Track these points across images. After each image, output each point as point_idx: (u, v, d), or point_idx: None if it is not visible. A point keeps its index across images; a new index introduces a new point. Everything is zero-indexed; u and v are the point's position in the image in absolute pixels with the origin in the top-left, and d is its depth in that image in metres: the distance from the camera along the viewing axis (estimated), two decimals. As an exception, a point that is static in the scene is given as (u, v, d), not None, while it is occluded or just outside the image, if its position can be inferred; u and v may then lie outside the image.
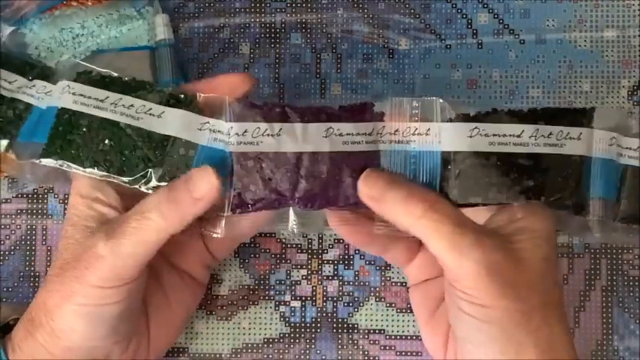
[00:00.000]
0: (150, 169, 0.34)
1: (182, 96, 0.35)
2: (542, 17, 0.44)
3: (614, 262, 0.42)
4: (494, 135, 0.34)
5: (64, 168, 0.35)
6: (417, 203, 0.32)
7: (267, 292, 0.43)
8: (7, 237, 0.43)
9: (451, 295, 0.33)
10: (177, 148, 0.34)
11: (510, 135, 0.34)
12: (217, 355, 0.42)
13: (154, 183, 0.34)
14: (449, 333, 0.37)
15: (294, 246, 0.43)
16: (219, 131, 0.34)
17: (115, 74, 0.36)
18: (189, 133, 0.35)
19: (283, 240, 0.43)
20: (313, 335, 0.42)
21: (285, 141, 0.34)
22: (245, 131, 0.34)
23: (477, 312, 0.32)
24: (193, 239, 0.39)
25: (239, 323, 0.43)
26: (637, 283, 0.42)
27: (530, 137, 0.34)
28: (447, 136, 0.34)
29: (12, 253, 0.43)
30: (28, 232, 0.43)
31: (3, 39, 0.42)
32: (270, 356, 0.42)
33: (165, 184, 0.34)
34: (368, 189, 0.34)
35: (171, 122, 0.35)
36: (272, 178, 0.34)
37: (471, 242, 0.31)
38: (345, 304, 0.43)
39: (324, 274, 0.43)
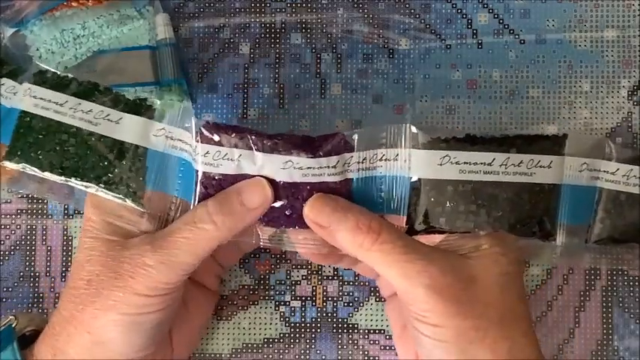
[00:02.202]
0: (105, 174, 0.35)
1: (139, 102, 0.36)
2: (542, 17, 0.44)
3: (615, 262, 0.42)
4: (465, 163, 0.34)
5: (26, 171, 0.35)
6: (365, 236, 0.33)
7: (267, 292, 0.43)
8: (7, 237, 0.43)
9: (407, 316, 0.34)
10: (133, 155, 0.35)
11: (481, 163, 0.34)
12: (217, 355, 0.42)
13: (105, 189, 0.35)
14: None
15: (294, 246, 0.43)
16: (178, 139, 0.35)
17: (71, 75, 0.36)
18: (145, 139, 0.35)
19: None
20: (313, 335, 0.42)
21: (244, 167, 0.34)
22: (207, 152, 0.34)
23: (432, 332, 0.33)
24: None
25: (239, 323, 0.43)
26: (637, 283, 0.42)
27: (500, 166, 0.34)
28: (416, 163, 0.34)
29: (12, 253, 0.43)
30: (28, 232, 0.43)
31: (4, 40, 0.42)
32: (270, 356, 0.42)
33: (112, 193, 0.35)
34: (314, 216, 0.34)
35: (128, 128, 0.35)
36: None
37: (420, 269, 0.32)
38: (345, 304, 0.43)
39: (324, 274, 0.43)
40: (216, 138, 0.34)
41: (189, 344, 0.41)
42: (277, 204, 0.35)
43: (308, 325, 0.42)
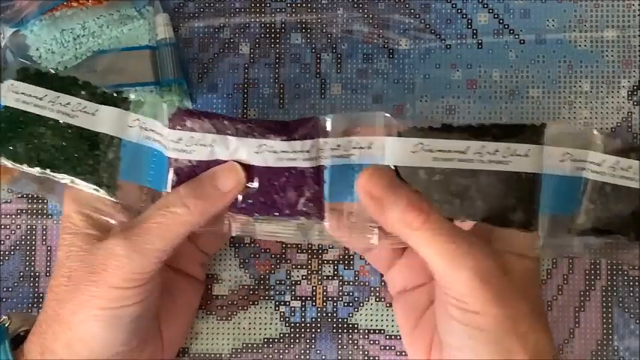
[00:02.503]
0: (79, 165, 0.35)
1: (115, 94, 0.36)
2: (542, 17, 0.44)
3: (614, 262, 0.42)
4: (439, 151, 0.34)
5: (9, 165, 0.36)
6: (416, 215, 0.33)
7: (267, 292, 0.43)
8: (7, 237, 0.43)
9: (442, 302, 0.34)
10: (107, 146, 0.36)
11: (455, 151, 0.34)
12: (217, 355, 0.42)
13: (79, 180, 0.35)
14: (432, 342, 0.37)
15: (294, 246, 0.43)
16: (151, 130, 0.35)
17: (53, 70, 0.37)
18: (120, 130, 0.36)
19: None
20: (313, 335, 0.42)
21: (217, 152, 0.34)
22: (180, 139, 0.34)
23: (469, 319, 0.32)
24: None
25: (239, 323, 0.43)
26: (637, 283, 0.42)
27: (475, 154, 0.34)
28: (390, 151, 0.34)
29: (12, 253, 0.43)
30: (28, 232, 0.43)
31: (4, 41, 0.42)
32: (270, 356, 0.42)
33: (86, 183, 0.35)
34: (370, 186, 0.34)
35: (104, 119, 0.36)
36: None
37: (464, 251, 0.32)
38: (345, 304, 0.43)
39: (324, 274, 0.43)
40: (188, 124, 0.34)
41: (179, 336, 0.41)
42: (251, 190, 0.35)
43: (308, 325, 0.42)
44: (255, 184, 0.35)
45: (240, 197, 0.35)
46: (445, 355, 0.34)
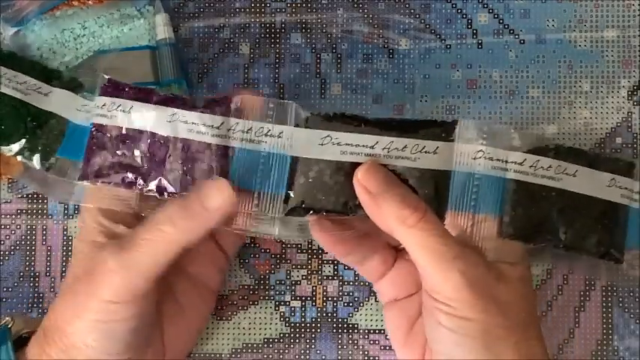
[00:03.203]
0: (23, 138, 0.37)
1: (70, 79, 0.39)
2: (542, 17, 0.44)
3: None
4: (346, 144, 0.34)
5: None
6: (412, 212, 0.33)
7: (267, 292, 0.43)
8: (7, 237, 0.43)
9: (430, 308, 0.33)
10: (55, 124, 0.38)
11: (363, 145, 0.34)
12: (217, 355, 0.42)
13: (18, 153, 0.37)
14: (424, 352, 0.37)
15: (294, 246, 0.43)
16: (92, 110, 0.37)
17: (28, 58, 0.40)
18: (69, 112, 0.37)
19: (283, 240, 0.43)
20: (313, 335, 0.42)
21: (133, 118, 0.35)
22: (104, 104, 0.36)
23: (457, 325, 0.32)
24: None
25: (239, 323, 0.43)
26: (637, 283, 0.42)
27: (383, 149, 0.34)
28: (298, 141, 0.35)
29: (12, 253, 0.43)
30: (28, 232, 0.43)
31: (5, 40, 0.42)
32: (270, 356, 0.42)
33: (33, 154, 0.37)
34: (366, 180, 0.34)
35: (56, 101, 0.38)
36: (117, 154, 0.36)
37: (456, 254, 0.32)
38: (345, 304, 0.43)
39: (324, 274, 0.43)
40: (115, 92, 0.36)
41: (185, 344, 0.40)
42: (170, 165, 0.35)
43: (308, 325, 0.42)
44: (176, 164, 0.35)
45: (155, 175, 0.36)
46: None
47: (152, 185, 0.35)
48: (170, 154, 0.35)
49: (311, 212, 0.35)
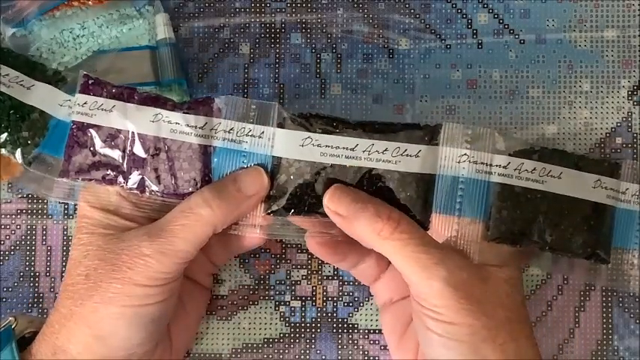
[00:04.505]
0: (6, 132, 0.38)
1: (53, 73, 0.39)
2: (542, 17, 0.44)
3: (614, 262, 0.42)
4: (326, 146, 0.34)
5: None
6: (384, 224, 0.33)
7: (267, 292, 0.43)
8: (7, 237, 0.43)
9: (418, 313, 0.34)
10: (37, 118, 0.38)
11: (344, 148, 0.34)
12: (217, 355, 0.42)
13: (12, 149, 0.38)
14: (417, 353, 0.37)
15: (294, 246, 0.43)
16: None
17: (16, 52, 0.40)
18: (51, 107, 0.38)
19: (283, 240, 0.43)
20: (313, 335, 0.42)
21: (114, 117, 0.36)
22: (85, 102, 0.36)
23: (444, 330, 0.32)
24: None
25: (239, 323, 0.43)
26: (637, 286, 0.42)
27: (364, 152, 0.34)
28: (279, 142, 0.35)
29: (12, 253, 0.43)
30: (28, 232, 0.43)
31: (5, 40, 0.42)
32: (270, 356, 0.42)
33: (15, 148, 0.38)
34: (334, 206, 0.34)
35: (38, 95, 0.38)
36: (98, 152, 0.36)
37: (437, 261, 0.32)
38: (345, 304, 0.42)
39: (324, 274, 0.43)
40: (95, 90, 0.36)
41: (187, 340, 0.41)
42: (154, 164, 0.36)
43: (308, 325, 0.42)
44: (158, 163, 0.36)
45: (136, 173, 0.36)
46: None
47: (133, 183, 0.36)
48: (151, 152, 0.35)
49: (292, 212, 0.36)
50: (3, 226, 0.43)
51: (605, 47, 0.43)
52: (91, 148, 0.36)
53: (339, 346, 0.42)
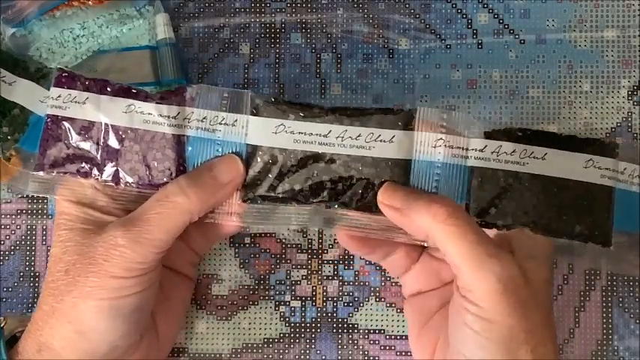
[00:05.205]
0: None
1: (36, 70, 0.39)
2: (542, 17, 0.44)
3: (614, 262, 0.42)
4: (299, 133, 0.35)
5: None
6: (439, 207, 0.33)
7: (267, 292, 0.43)
8: (7, 237, 0.43)
9: (457, 307, 0.33)
10: (18, 114, 0.38)
11: (317, 134, 0.34)
12: (217, 355, 0.42)
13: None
14: (437, 344, 0.37)
15: (294, 246, 0.43)
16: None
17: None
18: (32, 103, 0.38)
19: (283, 240, 0.43)
20: (313, 335, 0.42)
21: (88, 110, 0.36)
22: (58, 96, 0.36)
23: (482, 327, 0.32)
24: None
25: (239, 323, 0.43)
26: (637, 283, 0.42)
27: (337, 138, 0.34)
28: (253, 130, 0.35)
29: (12, 253, 0.43)
30: (28, 232, 0.43)
31: (5, 40, 0.42)
32: (270, 356, 0.42)
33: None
34: (389, 200, 0.34)
35: (19, 91, 0.38)
36: (73, 144, 0.36)
37: (492, 254, 0.32)
38: (345, 304, 0.42)
39: (324, 274, 0.43)
40: (69, 83, 0.36)
41: (173, 331, 0.41)
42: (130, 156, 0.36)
43: (308, 325, 0.42)
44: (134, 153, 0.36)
45: (110, 165, 0.36)
46: (451, 358, 0.34)
47: (108, 175, 0.36)
48: (125, 144, 0.36)
49: (267, 200, 0.36)
50: (3, 226, 0.43)
51: (605, 47, 0.43)
52: (66, 142, 0.36)
53: (339, 346, 0.42)
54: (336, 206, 0.36)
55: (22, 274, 0.43)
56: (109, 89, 0.36)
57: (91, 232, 0.35)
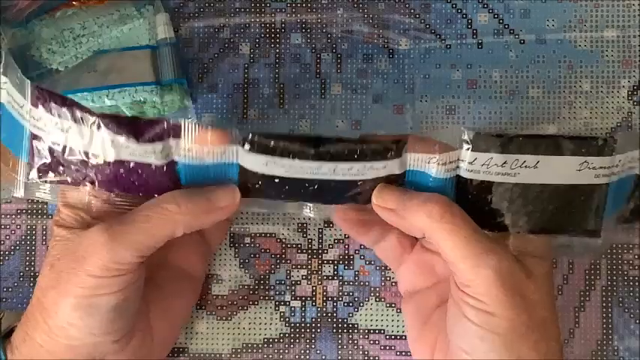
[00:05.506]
0: None
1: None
2: (542, 17, 0.44)
3: (614, 262, 0.42)
4: (290, 166, 0.34)
5: None
6: (435, 205, 0.33)
7: (267, 292, 0.43)
8: (7, 237, 0.43)
9: (458, 302, 0.33)
10: None
11: (308, 167, 0.34)
12: (217, 355, 0.42)
13: None
14: (436, 343, 0.37)
15: (294, 246, 0.43)
16: (12, 96, 0.36)
17: None
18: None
19: (283, 240, 0.43)
20: (313, 335, 0.42)
21: (71, 139, 0.34)
22: (40, 118, 0.35)
23: (483, 320, 0.32)
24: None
25: (239, 323, 0.43)
26: (637, 283, 0.42)
27: (328, 170, 0.34)
28: (243, 161, 0.34)
29: (12, 253, 0.43)
30: (28, 232, 0.43)
31: (5, 40, 0.42)
32: (270, 356, 0.42)
33: None
34: (383, 202, 0.35)
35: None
36: (61, 160, 0.35)
37: (488, 248, 0.32)
38: (345, 304, 0.43)
39: (324, 274, 0.43)
40: (48, 105, 0.34)
41: (172, 331, 0.40)
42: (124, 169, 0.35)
43: (308, 325, 0.42)
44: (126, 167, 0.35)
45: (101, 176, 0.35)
46: (452, 357, 0.34)
47: (100, 186, 0.35)
48: (113, 169, 0.35)
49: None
50: (3, 226, 0.43)
51: (605, 47, 0.43)
52: (54, 154, 0.35)
53: (339, 346, 0.42)
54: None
55: (22, 274, 0.43)
56: (90, 117, 0.34)
57: (80, 230, 0.35)
